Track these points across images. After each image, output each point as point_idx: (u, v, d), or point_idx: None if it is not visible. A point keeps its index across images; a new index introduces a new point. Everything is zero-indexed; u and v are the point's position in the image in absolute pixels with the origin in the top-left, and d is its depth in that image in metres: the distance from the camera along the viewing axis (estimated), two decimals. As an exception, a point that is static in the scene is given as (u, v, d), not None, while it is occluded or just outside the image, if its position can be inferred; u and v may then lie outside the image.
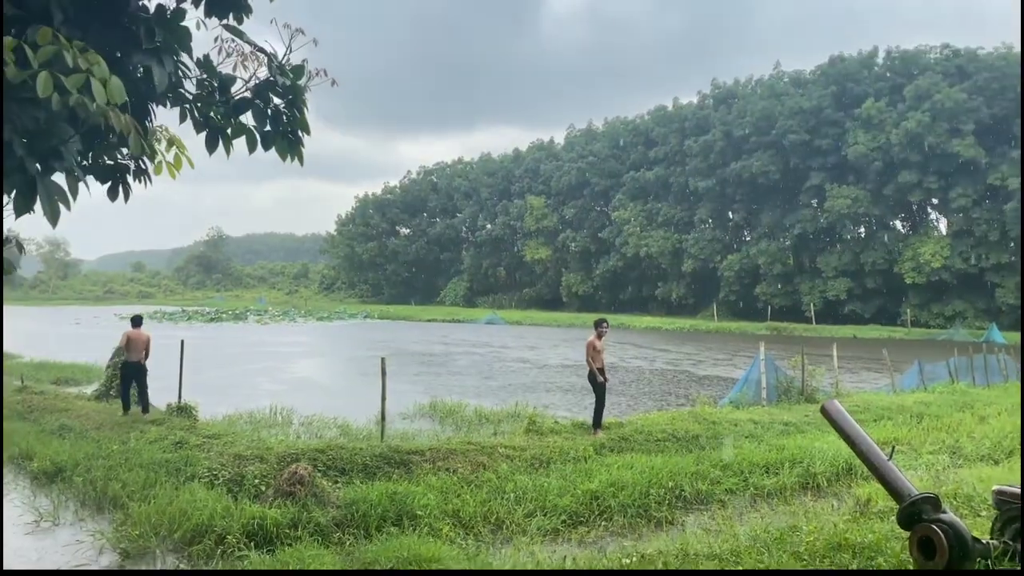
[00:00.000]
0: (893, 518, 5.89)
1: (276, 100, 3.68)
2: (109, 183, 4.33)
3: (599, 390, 12.24)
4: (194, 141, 4.20)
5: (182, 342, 15.29)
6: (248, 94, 3.63)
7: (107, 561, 7.52)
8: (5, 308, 78.02)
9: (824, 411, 5.60)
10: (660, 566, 6.09)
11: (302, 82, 3.70)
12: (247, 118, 3.64)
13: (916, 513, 5.09)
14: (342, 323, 64.03)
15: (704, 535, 8.10)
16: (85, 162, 4.28)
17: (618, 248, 78.76)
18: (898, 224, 66.73)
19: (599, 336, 12.48)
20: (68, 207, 2.77)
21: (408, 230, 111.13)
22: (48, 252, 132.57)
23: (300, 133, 3.78)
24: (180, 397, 14.27)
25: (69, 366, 22.83)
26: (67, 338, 39.87)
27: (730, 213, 73.78)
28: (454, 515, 8.44)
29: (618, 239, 78.72)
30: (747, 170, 66.93)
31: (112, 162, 4.29)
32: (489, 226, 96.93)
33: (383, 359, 12.30)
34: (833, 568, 5.97)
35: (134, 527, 7.93)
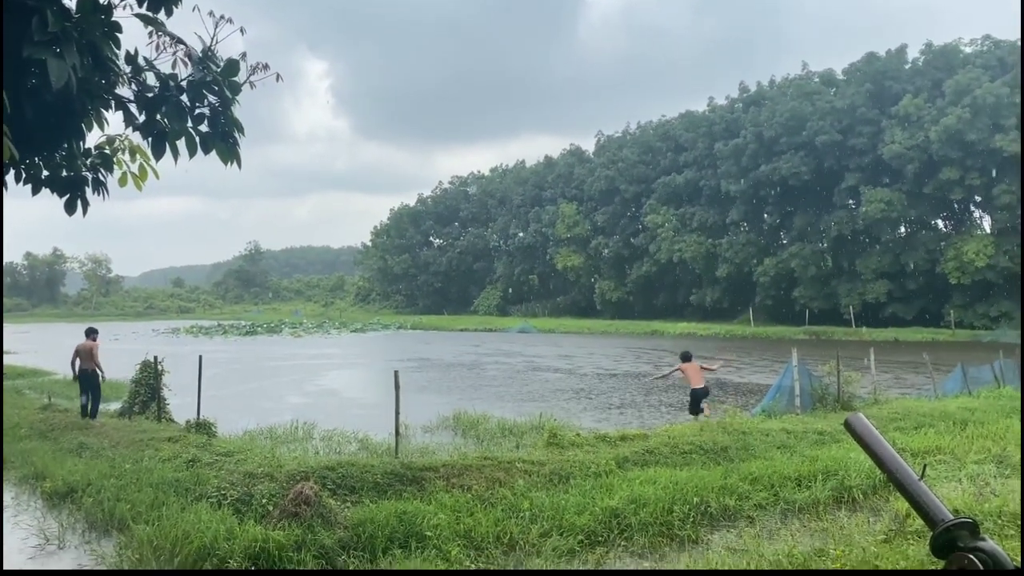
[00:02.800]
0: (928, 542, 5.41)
1: (212, 99, 3.39)
2: (67, 196, 4.08)
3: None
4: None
5: (200, 358, 15.18)
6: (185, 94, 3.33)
7: (106, 587, 7.30)
8: (49, 326, 79.69)
9: (848, 425, 5.10)
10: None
11: (237, 78, 3.40)
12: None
13: (952, 540, 4.58)
14: (375, 334, 64.19)
15: (729, 556, 7.66)
16: (42, 175, 4.04)
17: (651, 254, 77.87)
18: (940, 223, 65.00)
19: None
20: None
21: (441, 240, 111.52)
22: (91, 269, 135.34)
23: (236, 134, 3.47)
24: (199, 413, 14.15)
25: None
26: (104, 354, 40.30)
27: (764, 215, 72.54)
28: (465, 535, 8.07)
29: (651, 245, 77.84)
30: (777, 172, 65.76)
31: (70, 174, 4.03)
32: (521, 234, 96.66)
33: (396, 372, 12.00)
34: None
35: (136, 550, 7.71)
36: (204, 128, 3.49)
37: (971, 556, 4.78)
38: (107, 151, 4.15)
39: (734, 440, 12.24)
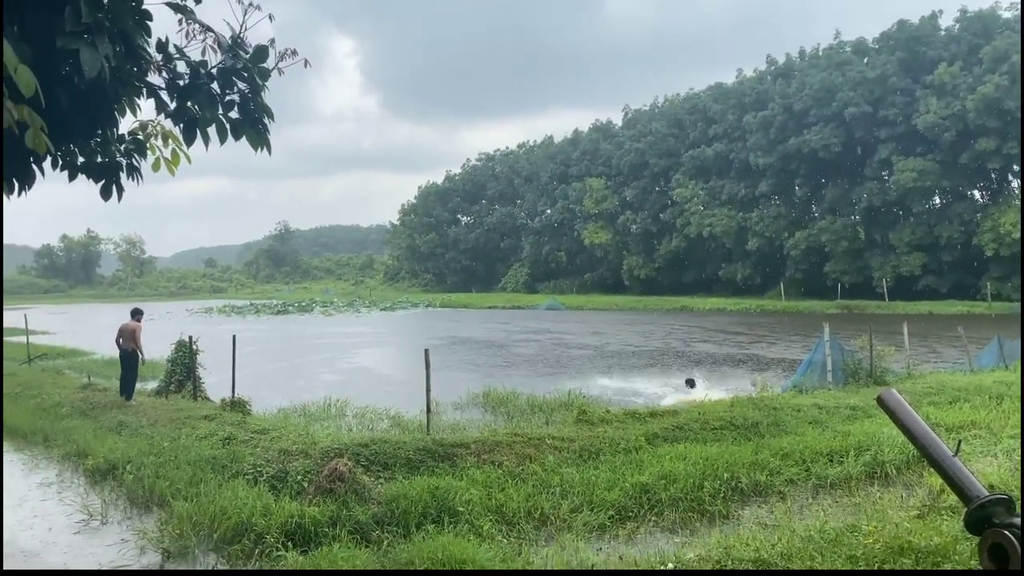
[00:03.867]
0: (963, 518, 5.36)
1: (241, 85, 3.41)
2: (102, 182, 4.15)
3: None
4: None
5: (233, 337, 15.39)
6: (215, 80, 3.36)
7: (148, 561, 7.50)
8: (86, 306, 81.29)
9: (880, 401, 5.05)
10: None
11: (266, 64, 3.42)
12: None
13: (986, 517, 4.54)
14: (405, 312, 64.63)
15: (760, 531, 7.66)
16: (78, 161, 4.12)
17: (680, 229, 77.15)
18: (976, 194, 63.55)
19: None
20: None
21: (468, 218, 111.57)
22: (125, 251, 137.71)
23: (266, 120, 3.50)
24: (233, 391, 14.40)
25: (135, 362, 23.42)
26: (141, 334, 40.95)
27: (795, 188, 71.50)
28: (497, 511, 8.17)
29: (679, 219, 77.10)
30: (807, 144, 64.71)
31: (104, 160, 4.10)
32: (548, 211, 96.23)
33: (426, 351, 12.10)
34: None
35: (176, 526, 7.91)
36: (234, 115, 3.52)
37: (1006, 532, 4.73)
38: (140, 137, 4.20)
39: (765, 416, 12.18)
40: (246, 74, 3.40)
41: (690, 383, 19.13)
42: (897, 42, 63.55)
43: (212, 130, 3.51)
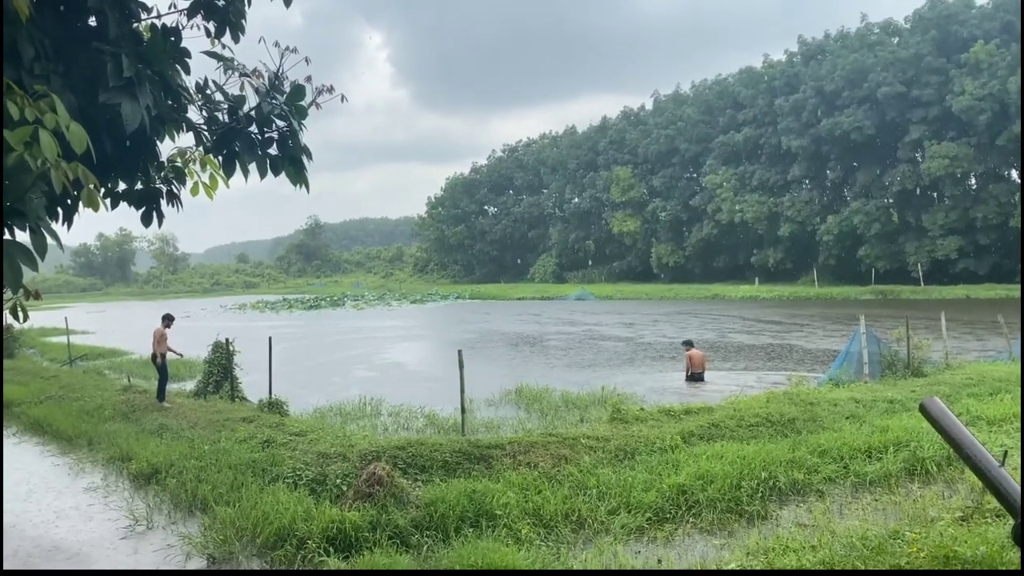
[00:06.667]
0: (1011, 522, 5.29)
1: (280, 123, 3.46)
2: (144, 209, 4.24)
3: None
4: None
5: (270, 339, 15.59)
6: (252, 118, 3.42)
7: (194, 566, 7.65)
8: (122, 304, 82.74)
9: (924, 410, 4.98)
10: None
11: (304, 103, 3.46)
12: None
13: (1035, 529, 4.47)
14: (435, 305, 64.89)
15: (798, 531, 7.62)
16: (119, 188, 4.20)
17: (711, 215, 76.52)
18: (1013, 175, 62.16)
19: None
20: (35, 268, 2.62)
21: (495, 209, 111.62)
22: (159, 248, 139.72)
23: (303, 158, 3.55)
24: (270, 392, 14.59)
25: (174, 362, 23.77)
26: (176, 332, 41.58)
27: (827, 172, 70.50)
28: (534, 514, 8.20)
29: (710, 206, 76.47)
30: (839, 127, 63.75)
31: (144, 188, 4.18)
32: (576, 200, 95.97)
33: (460, 352, 12.16)
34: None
35: (220, 531, 8.05)
36: (273, 151, 3.57)
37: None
38: (179, 163, 4.29)
39: (801, 411, 12.09)
40: (284, 117, 3.44)
41: (687, 344, 19.46)
42: (929, 21, 62.32)
43: (252, 165, 3.57)
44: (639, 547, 7.61)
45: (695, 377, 18.54)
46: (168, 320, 16.00)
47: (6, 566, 7.28)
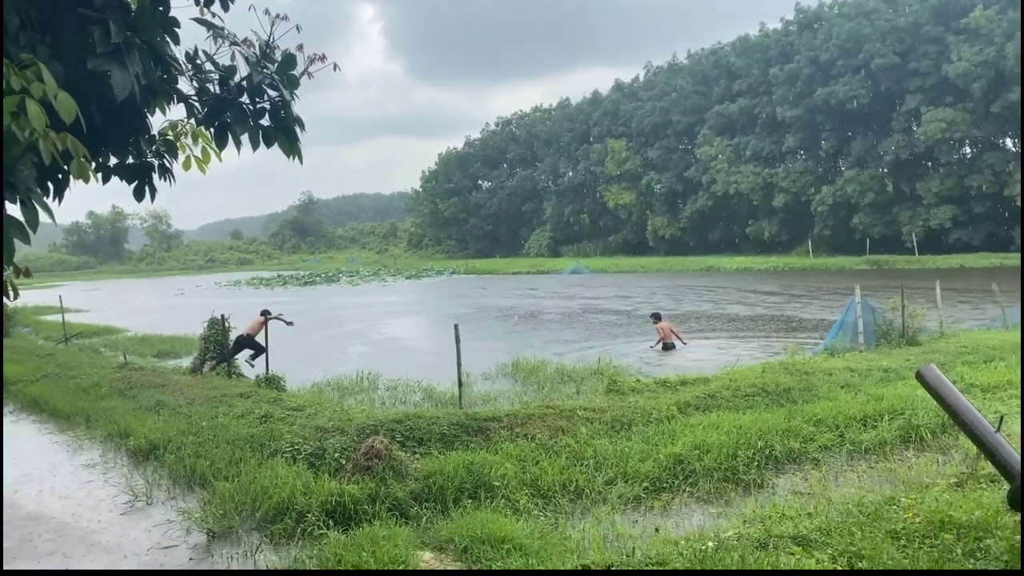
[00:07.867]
0: (1005, 487, 5.35)
1: (272, 93, 3.41)
2: (135, 183, 4.19)
3: None
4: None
5: (265, 317, 15.54)
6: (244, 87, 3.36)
7: (194, 541, 7.69)
8: (116, 282, 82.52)
9: (920, 377, 5.02)
10: (739, 552, 5.69)
11: (296, 72, 3.41)
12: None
13: (1030, 493, 4.52)
14: (430, 280, 64.85)
15: (795, 499, 7.69)
16: (110, 163, 4.16)
17: (706, 187, 76.29)
18: (1008, 143, 62.02)
19: None
20: (27, 241, 2.58)
21: (489, 183, 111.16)
22: (152, 225, 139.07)
23: (296, 129, 3.50)
24: (267, 368, 14.60)
25: (169, 339, 23.88)
26: (170, 309, 41.65)
27: (821, 142, 70.30)
28: (532, 484, 8.26)
29: (705, 177, 76.21)
30: (834, 96, 63.46)
31: (136, 162, 4.13)
32: (570, 173, 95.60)
33: (456, 326, 12.16)
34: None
35: (219, 506, 8.08)
36: (265, 122, 3.52)
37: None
38: (170, 136, 4.23)
39: (797, 381, 12.15)
40: (275, 86, 3.39)
41: (655, 317, 20.44)
42: (927, -13, 61.72)
43: (244, 136, 3.52)
44: (636, 516, 7.67)
45: (666, 347, 19.51)
46: (267, 314, 16.81)
47: (6, 566, 7.31)
